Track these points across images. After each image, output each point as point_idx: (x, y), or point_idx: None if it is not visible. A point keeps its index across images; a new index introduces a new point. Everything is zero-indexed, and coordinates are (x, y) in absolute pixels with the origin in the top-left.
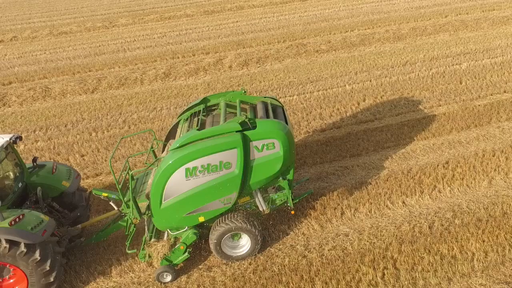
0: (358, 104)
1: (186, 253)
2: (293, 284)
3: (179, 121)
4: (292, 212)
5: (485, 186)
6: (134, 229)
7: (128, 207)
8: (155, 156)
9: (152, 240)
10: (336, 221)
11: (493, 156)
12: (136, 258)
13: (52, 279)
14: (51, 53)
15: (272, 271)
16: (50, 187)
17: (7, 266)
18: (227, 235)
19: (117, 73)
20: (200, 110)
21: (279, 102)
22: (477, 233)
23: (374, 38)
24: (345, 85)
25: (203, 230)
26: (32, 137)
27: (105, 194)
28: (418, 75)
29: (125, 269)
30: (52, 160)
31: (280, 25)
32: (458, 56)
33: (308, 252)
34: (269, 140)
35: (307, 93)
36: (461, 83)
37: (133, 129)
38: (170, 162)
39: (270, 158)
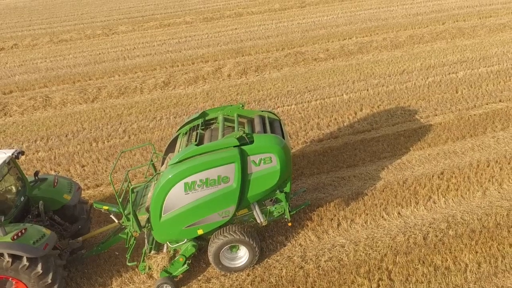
0: (355, 113)
1: (185, 265)
2: None
3: (178, 134)
4: (290, 224)
5: (479, 197)
6: (134, 241)
7: (128, 220)
8: (155, 169)
9: (152, 252)
10: (333, 232)
11: (488, 166)
12: (136, 270)
13: None
14: (52, 61)
15: (270, 283)
16: (51, 201)
17: (10, 279)
18: (226, 247)
19: (117, 82)
20: (199, 124)
21: (276, 116)
22: (471, 244)
23: (371, 46)
24: (342, 95)
25: (202, 242)
26: (33, 147)
27: (106, 208)
28: (415, 84)
29: (126, 280)
30: (53, 173)
31: (279, 33)
32: (455, 65)
33: (305, 263)
34: (266, 154)
35: (305, 102)
36: (457, 92)
37: (133, 139)
38: (169, 176)
39: (267, 172)
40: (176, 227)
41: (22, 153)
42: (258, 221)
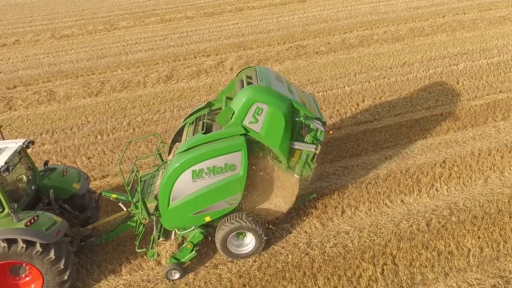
0: (358, 105)
1: (193, 252)
2: (296, 280)
3: (184, 124)
4: (331, 132)
5: (481, 185)
6: (143, 229)
7: (137, 208)
8: (162, 159)
9: (161, 239)
10: (337, 219)
11: (489, 155)
12: (145, 256)
13: (66, 277)
14: (54, 56)
15: (276, 268)
16: (61, 190)
17: (24, 265)
18: (233, 233)
19: (120, 76)
20: (205, 114)
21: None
22: (473, 230)
23: (372, 39)
24: (344, 87)
25: (209, 229)
26: (39, 140)
27: (115, 196)
28: (416, 76)
29: (135, 267)
30: (62, 164)
31: (280, 27)
32: (455, 57)
33: (310, 249)
34: (252, 107)
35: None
36: (458, 83)
37: (138, 131)
38: (177, 164)
39: (269, 119)
40: (184, 214)
41: (32, 142)
42: (313, 150)
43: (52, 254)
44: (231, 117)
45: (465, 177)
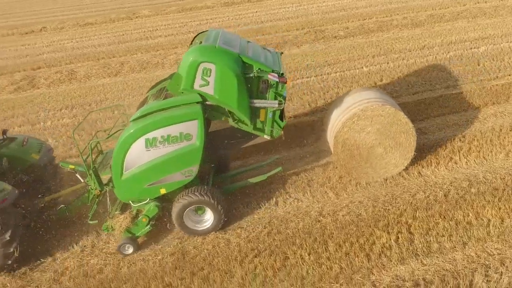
0: (375, 84)
1: (149, 226)
2: (306, 246)
3: (147, 96)
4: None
5: (502, 159)
6: (97, 199)
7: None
8: None
9: (117, 212)
10: (351, 190)
11: (511, 130)
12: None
13: (11, 249)
14: (77, 41)
15: (286, 234)
16: (18, 159)
17: None
18: (190, 208)
19: (139, 58)
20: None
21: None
22: (493, 201)
23: (392, 25)
24: (362, 67)
25: (167, 204)
26: (58, 115)
27: (72, 167)
28: (435, 57)
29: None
30: (24, 134)
31: (299, 14)
32: (476, 41)
33: (322, 217)
34: (199, 68)
35: (325, 74)
36: (478, 64)
37: None
38: (130, 132)
39: (219, 76)
40: (137, 185)
41: None
42: (276, 106)
43: None
44: (181, 82)
45: (486, 151)
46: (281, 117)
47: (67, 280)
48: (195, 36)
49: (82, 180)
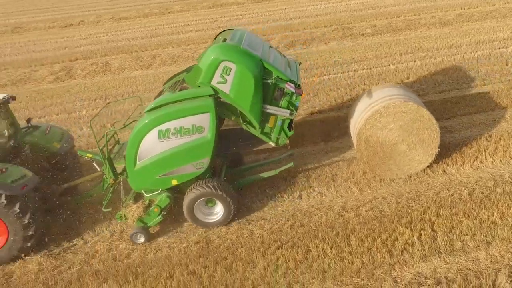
0: (402, 81)
1: (160, 216)
2: (328, 239)
3: (163, 89)
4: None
5: None
6: (111, 188)
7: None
8: None
9: (130, 201)
10: (375, 185)
11: None
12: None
13: (31, 233)
14: (112, 35)
15: (309, 227)
16: (42, 147)
17: None
18: (200, 200)
19: (170, 52)
20: (184, 79)
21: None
22: None
23: (420, 23)
24: (389, 65)
25: (179, 195)
26: (93, 104)
27: (90, 155)
28: (463, 57)
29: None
30: (47, 123)
31: (327, 12)
32: (505, 41)
33: (345, 212)
34: (220, 67)
35: (351, 71)
36: (507, 64)
37: None
38: (144, 122)
39: (238, 78)
40: (150, 175)
41: (13, 98)
42: (287, 115)
43: (17, 208)
44: (200, 76)
45: None
46: (290, 126)
47: (97, 263)
48: (220, 33)
49: (98, 169)
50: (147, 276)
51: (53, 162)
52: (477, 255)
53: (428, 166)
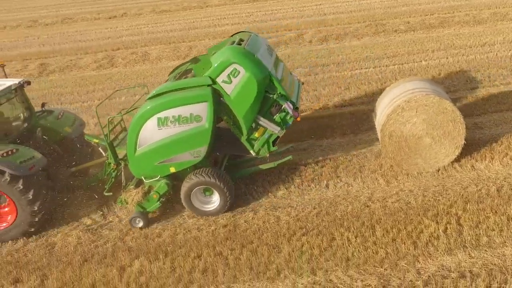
0: (433, 77)
1: (158, 202)
2: (354, 229)
3: (168, 79)
4: (298, 119)
5: None
6: (113, 173)
7: None
8: None
9: (132, 186)
10: (402, 178)
11: None
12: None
13: (36, 208)
14: (152, 26)
15: (335, 216)
16: (53, 131)
17: (4, 195)
18: (197, 188)
19: (206, 44)
20: (190, 69)
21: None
22: None
23: (453, 21)
24: (421, 61)
25: (178, 182)
26: (132, 92)
27: (96, 141)
28: (496, 55)
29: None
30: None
31: (361, 8)
32: None
33: (371, 202)
34: (229, 68)
35: (383, 66)
36: None
37: None
38: (144, 109)
39: (243, 83)
40: (149, 162)
41: (29, 83)
42: (276, 132)
43: (20, 184)
44: (208, 69)
45: None
46: (274, 142)
47: (130, 240)
48: (237, 32)
49: (104, 154)
50: (176, 255)
51: (63, 146)
52: (503, 251)
53: (456, 161)
